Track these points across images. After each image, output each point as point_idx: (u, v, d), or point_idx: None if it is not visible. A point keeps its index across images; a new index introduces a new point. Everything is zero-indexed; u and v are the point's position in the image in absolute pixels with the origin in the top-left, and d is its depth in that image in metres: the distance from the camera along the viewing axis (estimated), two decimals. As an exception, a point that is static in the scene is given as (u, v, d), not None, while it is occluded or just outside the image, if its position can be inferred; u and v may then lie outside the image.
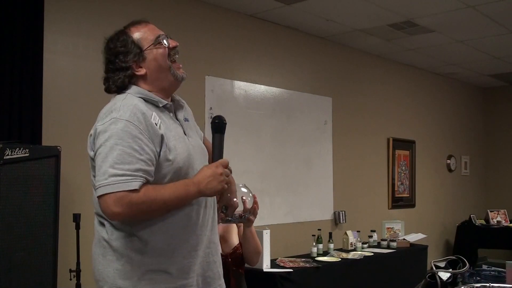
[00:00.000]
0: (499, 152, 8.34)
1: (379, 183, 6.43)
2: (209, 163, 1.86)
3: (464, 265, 2.11)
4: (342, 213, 5.72)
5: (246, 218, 2.24)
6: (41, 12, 3.39)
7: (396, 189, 6.63)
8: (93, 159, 1.71)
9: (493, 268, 5.74)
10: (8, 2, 3.24)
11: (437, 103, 7.47)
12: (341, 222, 5.70)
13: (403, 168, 6.78)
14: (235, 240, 2.59)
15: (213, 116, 1.89)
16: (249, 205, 2.21)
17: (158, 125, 1.72)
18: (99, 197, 1.62)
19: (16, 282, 2.83)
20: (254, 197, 2.24)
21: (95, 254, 1.79)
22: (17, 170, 2.86)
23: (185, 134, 1.85)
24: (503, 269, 4.57)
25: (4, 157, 2.78)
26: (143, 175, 1.63)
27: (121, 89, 1.80)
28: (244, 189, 2.27)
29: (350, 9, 4.76)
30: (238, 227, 2.63)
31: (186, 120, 1.92)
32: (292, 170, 5.25)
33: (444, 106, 7.62)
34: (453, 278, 2.04)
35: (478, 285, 1.93)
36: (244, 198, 2.21)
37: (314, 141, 5.52)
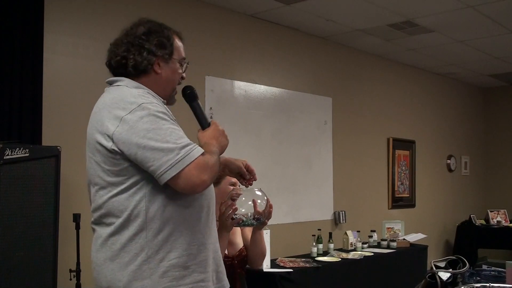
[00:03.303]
0: (499, 152, 8.34)
1: (379, 183, 6.43)
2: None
3: (464, 265, 2.11)
4: (342, 213, 5.71)
5: (262, 221, 2.27)
6: (41, 12, 3.39)
7: (396, 189, 6.63)
8: (113, 151, 1.62)
9: (493, 268, 5.73)
10: (8, 2, 3.25)
11: (437, 103, 7.47)
12: (341, 222, 5.70)
13: (403, 168, 6.78)
14: (239, 242, 2.59)
15: (182, 88, 1.91)
16: (260, 208, 2.24)
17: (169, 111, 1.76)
18: (177, 174, 1.56)
19: (16, 282, 2.83)
20: (268, 200, 2.27)
21: (99, 260, 1.69)
22: (17, 170, 2.86)
23: None
24: (503, 269, 4.57)
25: (4, 157, 2.78)
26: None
27: (137, 70, 1.75)
28: (258, 193, 2.31)
29: (350, 9, 4.76)
30: (242, 229, 2.64)
31: None
32: (292, 170, 5.25)
33: (444, 106, 7.62)
34: (453, 278, 2.04)
35: (478, 285, 1.94)
36: (258, 201, 2.25)
37: (314, 141, 5.52)
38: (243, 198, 2.29)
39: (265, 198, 2.30)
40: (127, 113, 1.60)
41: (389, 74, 6.64)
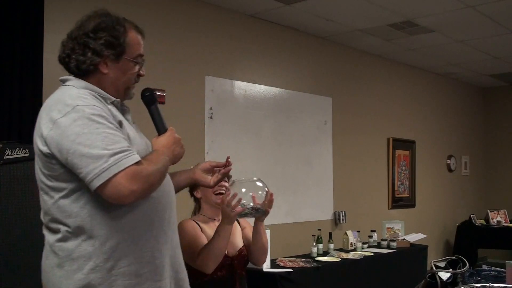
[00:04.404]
0: (499, 152, 8.34)
1: (379, 183, 6.43)
2: (158, 133, 1.78)
3: (464, 265, 2.12)
4: (342, 213, 5.71)
5: (263, 211, 2.27)
6: (41, 12, 3.39)
7: (396, 189, 6.63)
8: (48, 155, 1.55)
9: (493, 268, 5.73)
10: (8, 2, 3.24)
11: (437, 103, 7.47)
12: (341, 222, 5.70)
13: (403, 168, 6.78)
14: (239, 242, 2.58)
15: (142, 90, 1.82)
16: (260, 199, 2.24)
17: (113, 113, 1.63)
18: (103, 184, 1.46)
19: (17, 282, 2.83)
20: (268, 190, 2.28)
21: (48, 267, 1.63)
22: (17, 170, 2.86)
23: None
24: (503, 269, 4.57)
25: (4, 157, 2.78)
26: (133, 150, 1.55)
27: (80, 70, 1.66)
28: (259, 183, 2.31)
29: (350, 9, 4.76)
30: (243, 229, 2.64)
31: (134, 122, 1.81)
32: (292, 170, 5.25)
33: (444, 106, 7.62)
34: (453, 278, 2.04)
35: (478, 285, 1.94)
36: (259, 192, 2.26)
37: (314, 141, 5.52)
38: (244, 190, 2.28)
39: (266, 188, 2.30)
40: (62, 116, 1.52)
41: (389, 74, 6.64)
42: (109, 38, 1.65)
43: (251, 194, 2.26)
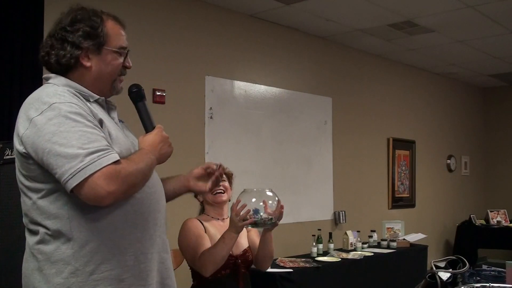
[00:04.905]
0: (499, 152, 8.34)
1: (379, 183, 6.43)
2: (146, 131, 1.70)
3: (464, 265, 2.12)
4: (342, 213, 5.71)
5: (273, 222, 2.26)
6: (41, 12, 3.39)
7: (396, 189, 6.63)
8: (25, 155, 1.52)
9: (493, 268, 5.73)
10: (8, 2, 3.25)
11: (437, 103, 7.47)
12: (341, 222, 5.69)
13: (403, 168, 6.78)
14: (244, 242, 2.59)
15: (129, 86, 1.74)
16: (271, 209, 2.24)
17: (93, 111, 1.56)
18: (79, 184, 1.40)
19: (17, 282, 2.82)
20: (279, 201, 2.28)
21: (27, 270, 1.55)
22: (17, 170, 2.86)
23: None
24: (503, 269, 4.57)
25: (4, 157, 2.78)
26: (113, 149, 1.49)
27: (61, 66, 1.61)
28: (269, 193, 2.32)
29: (350, 9, 4.76)
30: (248, 231, 2.65)
31: (121, 121, 1.74)
32: (292, 170, 5.24)
33: (444, 106, 7.62)
34: (453, 278, 2.04)
35: (478, 285, 1.94)
36: (270, 202, 2.26)
37: (314, 141, 5.52)
38: (254, 199, 2.28)
39: (276, 198, 2.30)
40: (38, 114, 1.47)
41: (389, 74, 6.64)
42: (87, 29, 1.59)
43: (261, 204, 2.26)
